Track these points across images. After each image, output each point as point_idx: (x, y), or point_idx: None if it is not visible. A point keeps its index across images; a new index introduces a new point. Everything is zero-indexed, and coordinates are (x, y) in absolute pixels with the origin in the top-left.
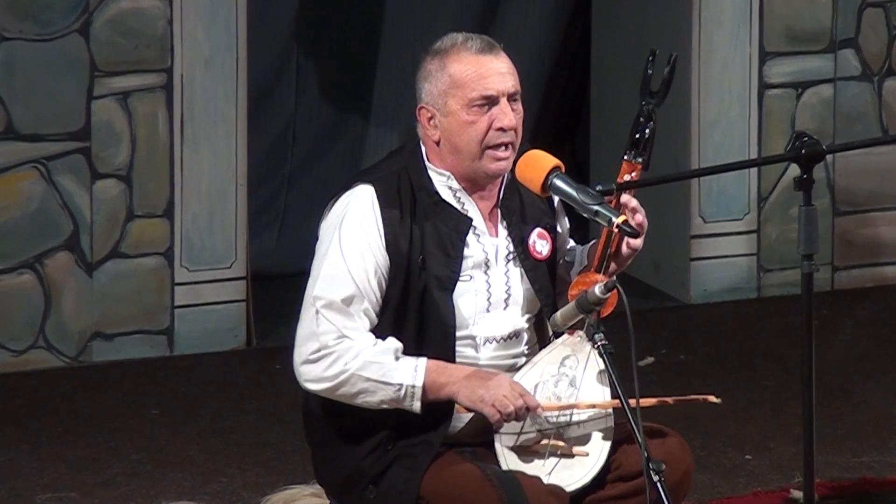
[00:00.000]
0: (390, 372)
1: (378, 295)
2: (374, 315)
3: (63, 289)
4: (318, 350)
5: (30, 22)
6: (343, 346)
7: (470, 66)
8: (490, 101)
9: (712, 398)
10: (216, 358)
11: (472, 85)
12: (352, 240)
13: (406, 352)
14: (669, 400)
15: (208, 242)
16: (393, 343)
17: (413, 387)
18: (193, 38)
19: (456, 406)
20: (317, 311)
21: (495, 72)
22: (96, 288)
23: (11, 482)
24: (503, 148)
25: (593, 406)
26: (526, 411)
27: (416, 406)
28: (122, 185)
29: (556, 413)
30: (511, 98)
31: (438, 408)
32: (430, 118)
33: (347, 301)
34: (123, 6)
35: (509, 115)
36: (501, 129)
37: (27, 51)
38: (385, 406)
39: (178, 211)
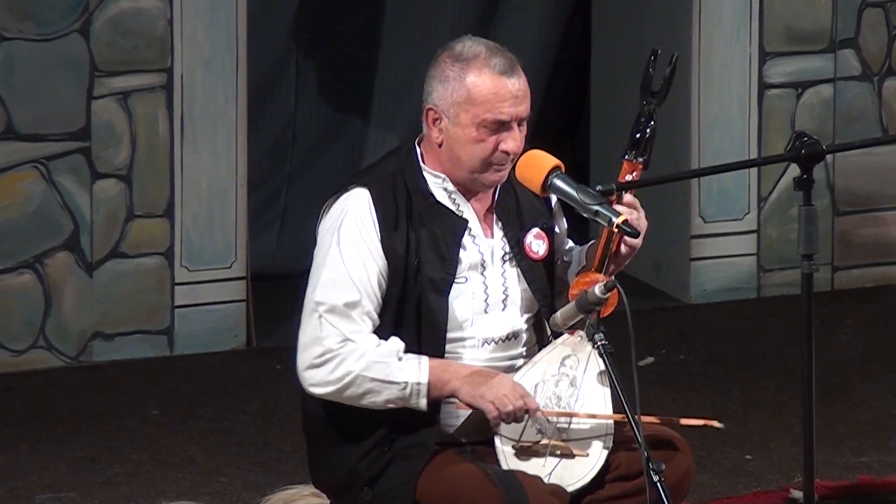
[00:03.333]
0: (395, 371)
1: (379, 297)
2: (376, 317)
3: (63, 289)
4: (323, 354)
5: (30, 22)
6: (347, 349)
7: (489, 86)
8: (501, 125)
9: (716, 424)
10: (216, 358)
11: (487, 106)
12: (351, 243)
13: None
14: (674, 420)
15: (208, 242)
16: (396, 343)
17: (418, 384)
18: (193, 38)
19: (456, 402)
20: (320, 316)
21: (512, 96)
22: (96, 288)
23: (11, 482)
24: (503, 165)
25: (594, 416)
26: (525, 413)
27: (423, 403)
28: (122, 185)
29: (556, 417)
30: (521, 122)
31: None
32: (437, 120)
33: (350, 305)
34: (123, 6)
35: (517, 141)
36: (506, 152)
37: (27, 51)
38: (391, 405)
39: (178, 211)
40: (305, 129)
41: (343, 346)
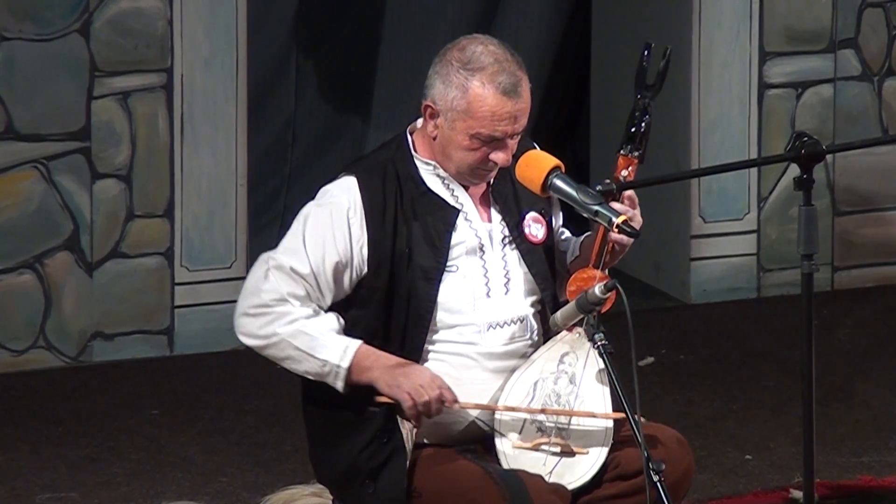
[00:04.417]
0: (320, 347)
1: (331, 285)
2: (320, 298)
3: (63, 289)
4: (258, 306)
5: (30, 22)
6: (281, 308)
7: (489, 104)
8: (495, 140)
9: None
10: (216, 358)
11: (483, 122)
12: (319, 225)
13: (394, 342)
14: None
15: (208, 242)
16: (331, 320)
17: (338, 367)
18: (193, 38)
19: (376, 396)
20: (268, 269)
21: (510, 116)
22: (96, 288)
23: (11, 482)
24: (491, 172)
25: (512, 409)
26: (441, 404)
27: (339, 385)
28: (122, 185)
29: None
30: (515, 136)
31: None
32: (434, 116)
33: (297, 273)
34: (123, 6)
35: (508, 154)
36: (495, 163)
37: (27, 51)
38: (310, 377)
39: (178, 211)
40: (305, 129)
41: (278, 305)
